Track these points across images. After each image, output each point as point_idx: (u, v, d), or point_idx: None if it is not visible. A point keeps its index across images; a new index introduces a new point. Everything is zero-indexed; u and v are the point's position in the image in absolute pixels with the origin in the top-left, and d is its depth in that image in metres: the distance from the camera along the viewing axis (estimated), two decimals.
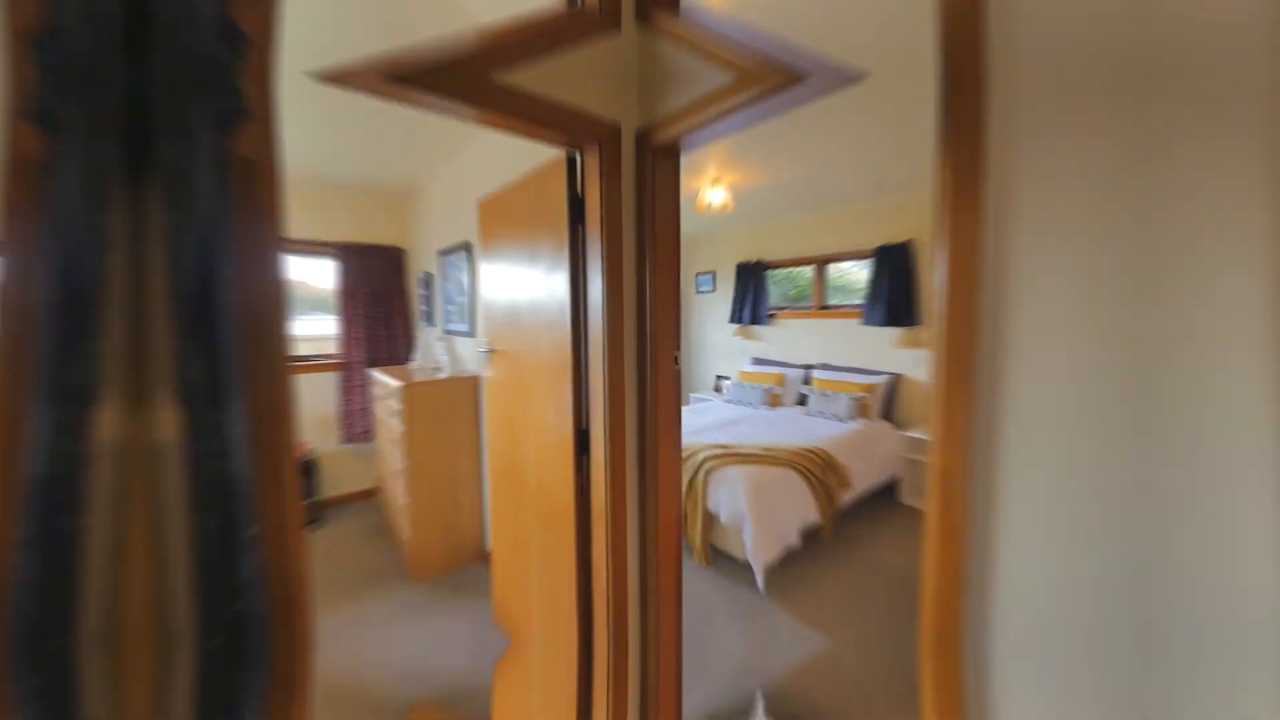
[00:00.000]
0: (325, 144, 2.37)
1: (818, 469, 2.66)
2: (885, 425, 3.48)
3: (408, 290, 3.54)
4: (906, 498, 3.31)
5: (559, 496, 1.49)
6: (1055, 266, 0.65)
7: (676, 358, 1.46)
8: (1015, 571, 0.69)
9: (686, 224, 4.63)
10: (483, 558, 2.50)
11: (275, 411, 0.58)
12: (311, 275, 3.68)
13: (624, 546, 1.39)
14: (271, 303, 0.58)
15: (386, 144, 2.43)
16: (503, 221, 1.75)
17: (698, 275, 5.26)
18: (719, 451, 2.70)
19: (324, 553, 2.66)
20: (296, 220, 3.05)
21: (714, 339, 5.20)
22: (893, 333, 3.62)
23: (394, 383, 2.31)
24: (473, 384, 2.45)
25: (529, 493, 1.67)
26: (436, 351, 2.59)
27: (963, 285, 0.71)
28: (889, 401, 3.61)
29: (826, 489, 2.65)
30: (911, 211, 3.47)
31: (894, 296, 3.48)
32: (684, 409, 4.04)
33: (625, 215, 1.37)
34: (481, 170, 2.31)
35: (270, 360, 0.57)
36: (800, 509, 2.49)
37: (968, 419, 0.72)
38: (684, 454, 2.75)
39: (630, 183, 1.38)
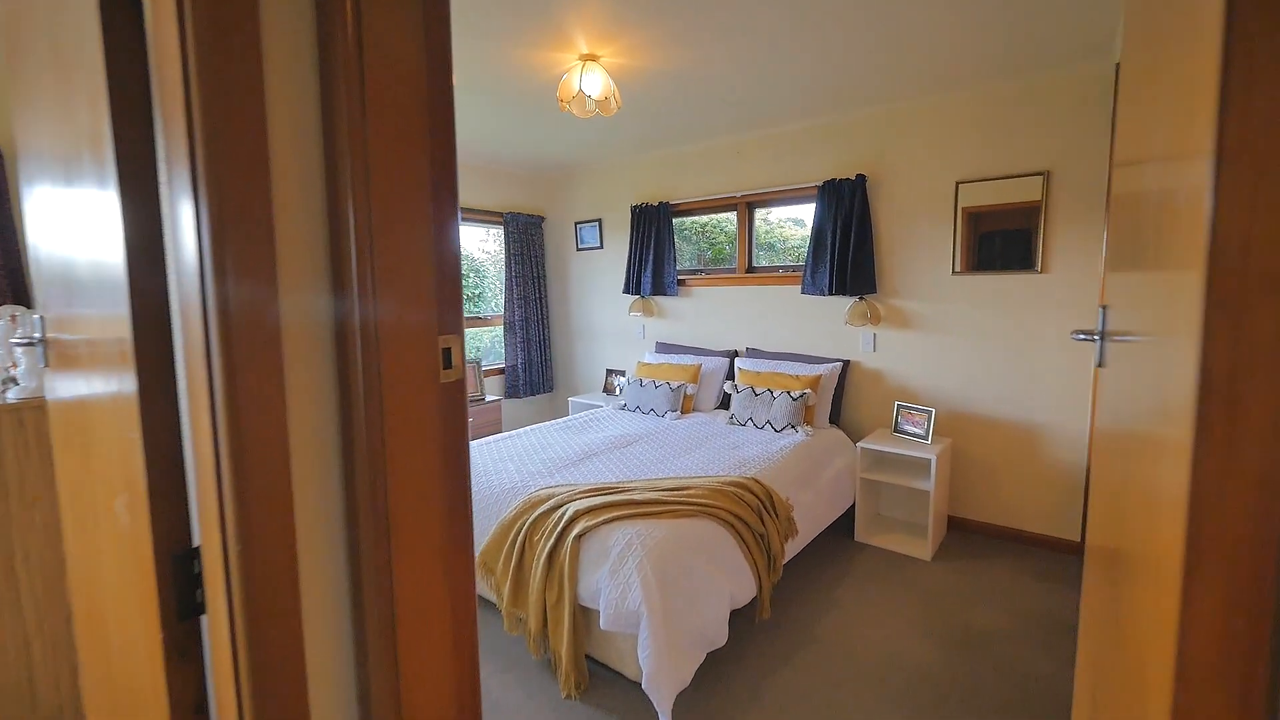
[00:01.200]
0: None
1: (752, 514, 2.19)
2: (836, 434, 3.18)
3: (15, 227, 2.38)
4: (865, 534, 3.04)
5: (148, 705, 0.75)
6: None
7: (450, 351, 0.79)
8: None
9: (553, 145, 3.87)
10: None
11: None
12: None
13: None
14: None
15: None
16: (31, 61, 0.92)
17: (577, 225, 4.63)
18: (600, 500, 2.10)
19: None
20: None
21: (603, 317, 4.63)
22: (842, 304, 3.33)
23: None
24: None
25: (115, 669, 0.90)
26: (17, 351, 1.63)
27: None
28: (838, 399, 3.32)
29: (765, 545, 2.19)
30: (871, 134, 3.17)
31: (844, 254, 3.17)
32: (557, 424, 3.40)
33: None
34: None
35: None
36: (728, 584, 1.99)
37: None
38: (545, 506, 2.11)
39: None
